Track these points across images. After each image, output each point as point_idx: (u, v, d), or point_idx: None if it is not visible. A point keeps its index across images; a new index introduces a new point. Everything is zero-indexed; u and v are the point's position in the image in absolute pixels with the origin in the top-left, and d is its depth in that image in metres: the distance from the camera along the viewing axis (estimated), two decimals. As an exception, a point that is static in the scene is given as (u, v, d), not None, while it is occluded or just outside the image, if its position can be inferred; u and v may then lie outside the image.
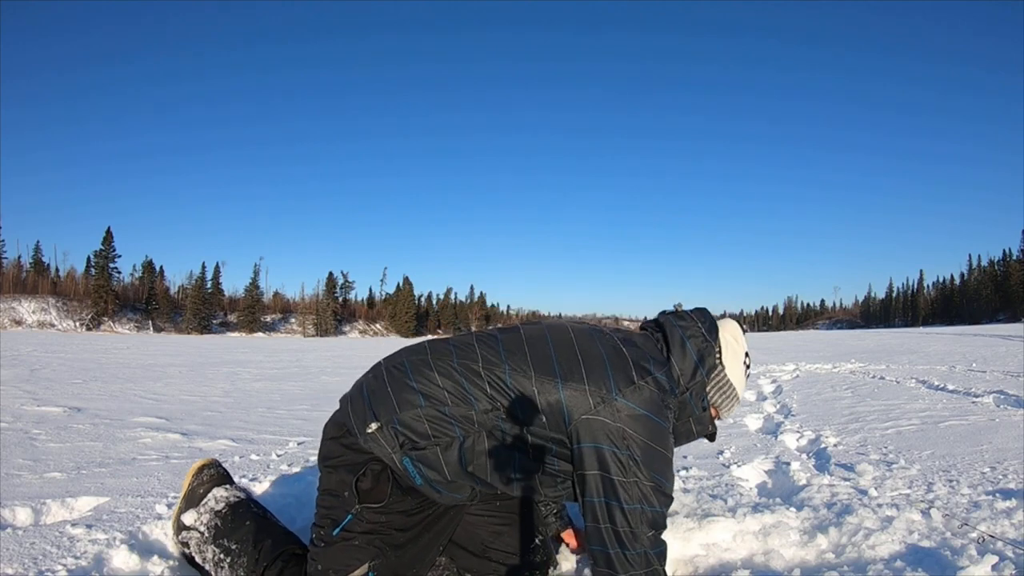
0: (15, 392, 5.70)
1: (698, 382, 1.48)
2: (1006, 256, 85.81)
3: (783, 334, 55.63)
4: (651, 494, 1.34)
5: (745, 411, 4.71)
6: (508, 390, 1.37)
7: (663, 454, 1.38)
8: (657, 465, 1.36)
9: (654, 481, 1.34)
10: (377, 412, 1.39)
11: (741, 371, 1.56)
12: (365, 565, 1.37)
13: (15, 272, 72.34)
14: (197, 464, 1.74)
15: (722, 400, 1.55)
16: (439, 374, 1.40)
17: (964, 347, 12.75)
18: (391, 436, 1.37)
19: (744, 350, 1.57)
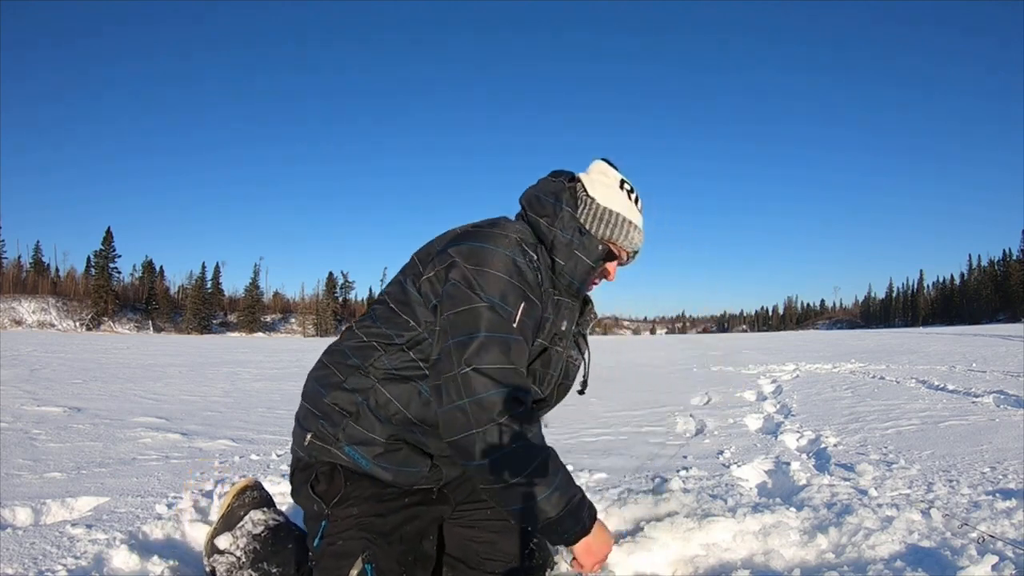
0: (15, 392, 5.70)
1: (562, 216, 1.45)
2: (1006, 256, 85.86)
3: (783, 334, 55.65)
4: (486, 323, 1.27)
5: (745, 411, 4.72)
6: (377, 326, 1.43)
7: (502, 279, 1.30)
8: (494, 290, 1.29)
9: (490, 306, 1.27)
10: (306, 426, 1.47)
11: (620, 196, 1.49)
12: (358, 560, 1.32)
13: (15, 272, 72.35)
14: (240, 484, 1.68)
15: (610, 229, 1.47)
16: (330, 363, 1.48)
17: (964, 347, 12.75)
18: (324, 434, 1.42)
19: (617, 179, 1.50)
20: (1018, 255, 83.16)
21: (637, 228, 1.50)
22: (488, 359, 1.25)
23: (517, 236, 1.37)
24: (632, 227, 1.49)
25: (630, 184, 1.52)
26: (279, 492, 2.33)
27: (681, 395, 5.98)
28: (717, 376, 8.27)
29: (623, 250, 1.51)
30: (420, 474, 1.43)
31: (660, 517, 2.00)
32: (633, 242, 1.50)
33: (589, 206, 1.47)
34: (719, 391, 6.23)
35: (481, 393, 1.24)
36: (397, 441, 1.40)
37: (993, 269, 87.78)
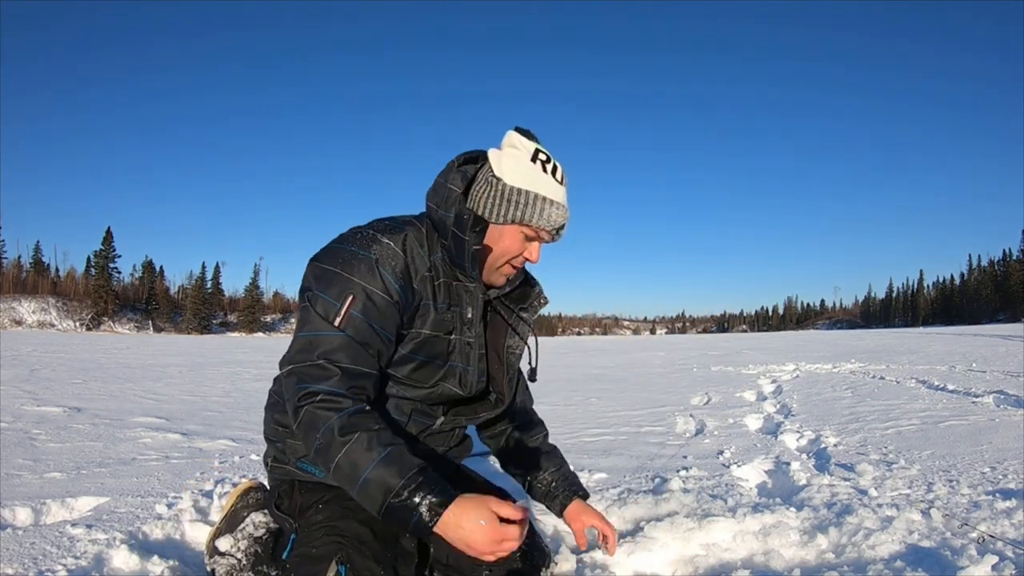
0: (15, 392, 5.70)
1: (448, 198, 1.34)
2: (1006, 256, 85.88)
3: (783, 334, 55.63)
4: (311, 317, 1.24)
5: (745, 411, 4.72)
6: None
7: (326, 269, 1.27)
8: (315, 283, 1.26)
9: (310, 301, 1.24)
10: (267, 454, 1.50)
11: (532, 169, 1.34)
12: (331, 563, 1.26)
13: (15, 272, 72.36)
14: (243, 486, 1.67)
15: (519, 210, 1.33)
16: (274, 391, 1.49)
17: (964, 347, 12.75)
18: (280, 456, 1.44)
19: (530, 150, 1.35)
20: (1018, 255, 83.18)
21: (553, 203, 1.34)
22: (299, 358, 1.22)
23: (376, 230, 1.31)
24: (545, 203, 1.33)
25: (547, 154, 1.37)
26: (279, 492, 2.34)
27: (681, 395, 5.98)
28: (717, 376, 8.27)
29: (541, 229, 1.36)
30: None
31: (660, 517, 2.00)
32: (551, 219, 1.35)
33: (493, 185, 1.34)
34: (719, 391, 6.23)
35: (291, 390, 1.21)
36: None
37: (993, 269, 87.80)
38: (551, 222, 1.36)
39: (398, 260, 1.29)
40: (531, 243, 1.39)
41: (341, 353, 1.21)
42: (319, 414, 1.16)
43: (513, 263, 1.40)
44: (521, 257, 1.40)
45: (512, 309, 1.52)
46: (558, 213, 1.36)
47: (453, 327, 1.38)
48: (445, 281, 1.36)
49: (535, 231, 1.36)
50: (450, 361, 1.40)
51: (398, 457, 1.14)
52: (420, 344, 1.35)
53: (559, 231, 1.40)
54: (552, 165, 1.37)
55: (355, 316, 1.23)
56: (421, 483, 1.11)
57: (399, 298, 1.28)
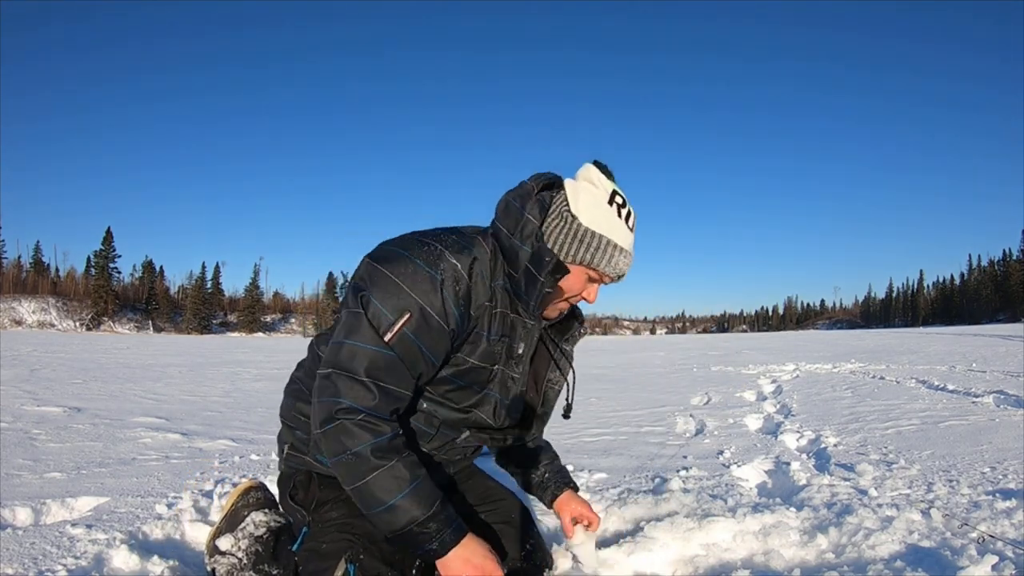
0: (15, 392, 5.70)
1: (524, 227, 1.29)
2: (1006, 256, 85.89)
3: (783, 334, 55.64)
4: (356, 328, 1.20)
5: (745, 411, 4.72)
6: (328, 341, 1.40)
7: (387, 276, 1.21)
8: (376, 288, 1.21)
9: (363, 315, 1.20)
10: (284, 439, 1.50)
11: (608, 213, 1.30)
12: (341, 561, 1.28)
13: (15, 272, 72.37)
14: (243, 485, 1.67)
15: (589, 253, 1.29)
16: (299, 377, 1.48)
17: (964, 347, 12.75)
18: (299, 445, 1.44)
19: (607, 190, 1.31)
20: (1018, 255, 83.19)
21: (623, 251, 1.32)
22: (343, 365, 1.19)
23: (445, 246, 1.25)
24: (616, 251, 1.31)
25: (623, 196, 1.33)
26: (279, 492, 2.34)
27: (681, 395, 5.98)
28: (717, 376, 8.27)
29: (605, 275, 1.34)
30: None
31: (660, 517, 2.00)
32: (617, 267, 1.33)
33: (569, 223, 1.30)
34: (719, 391, 6.23)
35: (328, 397, 1.19)
36: None
37: (993, 269, 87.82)
38: (617, 269, 1.33)
39: (461, 284, 1.24)
40: (592, 285, 1.37)
41: (386, 373, 1.20)
42: (355, 432, 1.17)
43: (571, 300, 1.39)
44: (579, 296, 1.38)
45: (556, 342, 1.51)
46: (625, 262, 1.34)
47: (499, 358, 1.36)
48: (501, 311, 1.32)
49: (599, 275, 1.35)
50: (487, 389, 1.38)
51: (425, 488, 1.20)
52: (464, 371, 1.33)
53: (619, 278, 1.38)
54: (627, 211, 1.34)
55: (407, 335, 1.20)
56: (443, 519, 1.20)
57: (455, 325, 1.25)
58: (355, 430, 1.17)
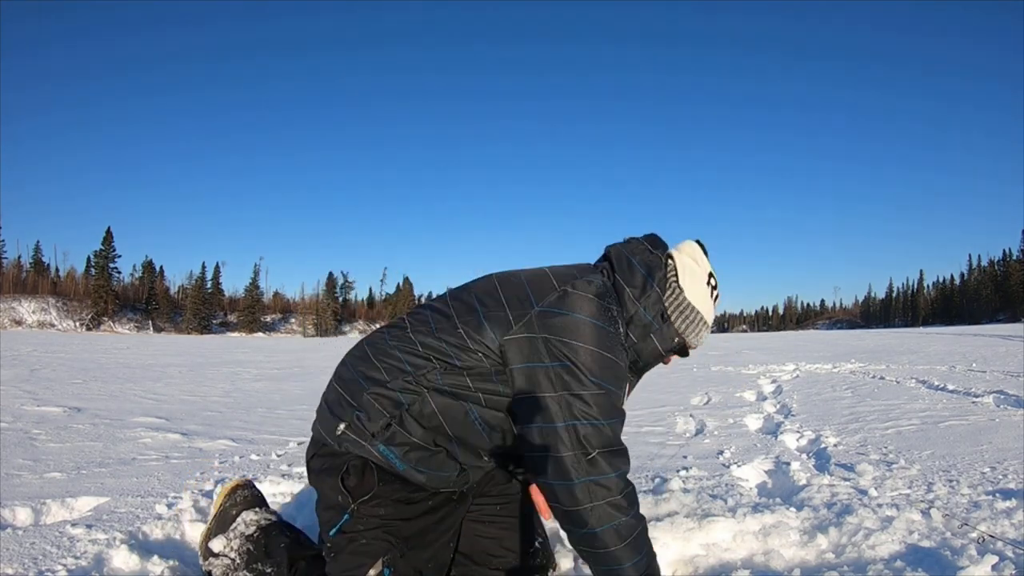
0: (15, 392, 5.70)
1: (650, 295, 1.41)
2: (1006, 256, 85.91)
3: (783, 334, 55.65)
4: (594, 405, 1.26)
5: (745, 411, 4.72)
6: (438, 342, 1.37)
7: (606, 357, 1.28)
8: (598, 371, 1.27)
9: (598, 388, 1.26)
10: (339, 414, 1.42)
11: (705, 292, 1.46)
12: (379, 562, 1.31)
13: (15, 272, 72.37)
14: (230, 484, 1.66)
15: (686, 324, 1.45)
16: (375, 357, 1.43)
17: (964, 347, 12.75)
18: (360, 428, 1.38)
19: (707, 271, 1.47)
20: (1018, 255, 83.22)
21: (708, 327, 1.49)
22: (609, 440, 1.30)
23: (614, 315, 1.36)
24: (705, 327, 1.48)
25: (715, 279, 1.49)
26: (280, 492, 2.33)
27: (681, 395, 5.98)
28: (717, 376, 8.27)
29: (690, 346, 1.50)
30: (450, 479, 1.44)
31: (660, 517, 2.00)
32: (701, 340, 1.50)
33: (676, 295, 1.44)
34: (719, 391, 6.23)
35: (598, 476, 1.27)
36: (435, 446, 1.39)
37: (993, 269, 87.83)
38: (701, 342, 1.50)
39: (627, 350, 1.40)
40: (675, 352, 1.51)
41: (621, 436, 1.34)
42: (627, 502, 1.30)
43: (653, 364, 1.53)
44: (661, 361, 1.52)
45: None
46: (706, 335, 1.50)
47: None
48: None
49: (686, 345, 1.49)
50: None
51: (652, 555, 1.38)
52: None
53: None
54: (716, 293, 1.50)
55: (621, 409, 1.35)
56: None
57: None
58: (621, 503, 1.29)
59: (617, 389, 1.29)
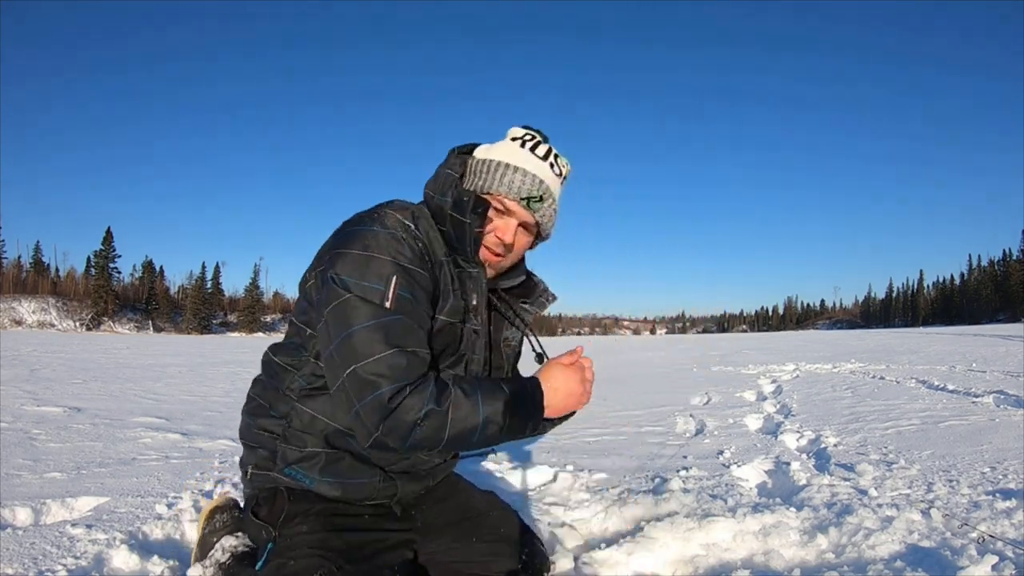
0: (15, 392, 5.70)
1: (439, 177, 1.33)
2: (1006, 256, 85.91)
3: (783, 334, 55.63)
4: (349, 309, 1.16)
5: (745, 411, 4.72)
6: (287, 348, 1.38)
7: (357, 255, 1.19)
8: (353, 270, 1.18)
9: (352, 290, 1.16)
10: (246, 460, 1.41)
11: (506, 148, 1.32)
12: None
13: (15, 272, 72.36)
14: (208, 507, 1.59)
15: (482, 179, 1.29)
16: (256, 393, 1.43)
17: (964, 347, 12.74)
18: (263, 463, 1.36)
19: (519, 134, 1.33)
20: (1018, 255, 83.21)
21: (517, 169, 1.28)
22: (365, 351, 1.14)
23: (391, 211, 1.26)
24: (508, 169, 1.28)
25: (535, 135, 1.32)
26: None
27: (681, 395, 5.98)
28: (717, 376, 8.27)
29: (504, 197, 1.29)
30: (372, 486, 1.34)
31: (660, 517, 2.00)
32: (512, 185, 1.28)
33: (470, 166, 1.33)
34: (719, 391, 6.23)
35: (368, 395, 1.13)
36: (336, 451, 1.31)
37: (993, 269, 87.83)
38: (514, 188, 1.28)
39: (418, 239, 1.25)
40: (499, 218, 1.31)
41: (403, 338, 1.16)
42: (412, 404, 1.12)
43: (485, 243, 1.32)
44: (492, 236, 1.31)
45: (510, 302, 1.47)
46: (522, 179, 1.28)
47: (464, 315, 1.33)
48: (456, 270, 1.33)
49: (500, 201, 1.29)
50: (460, 350, 1.34)
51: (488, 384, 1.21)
52: (436, 332, 1.28)
53: (532, 205, 1.30)
54: (535, 143, 1.31)
55: (402, 296, 1.18)
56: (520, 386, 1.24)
57: (431, 275, 1.26)
58: (411, 402, 1.12)
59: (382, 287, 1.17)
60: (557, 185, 1.34)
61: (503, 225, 1.31)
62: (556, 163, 1.33)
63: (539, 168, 1.30)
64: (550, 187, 1.31)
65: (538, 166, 1.30)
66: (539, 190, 1.29)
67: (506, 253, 1.34)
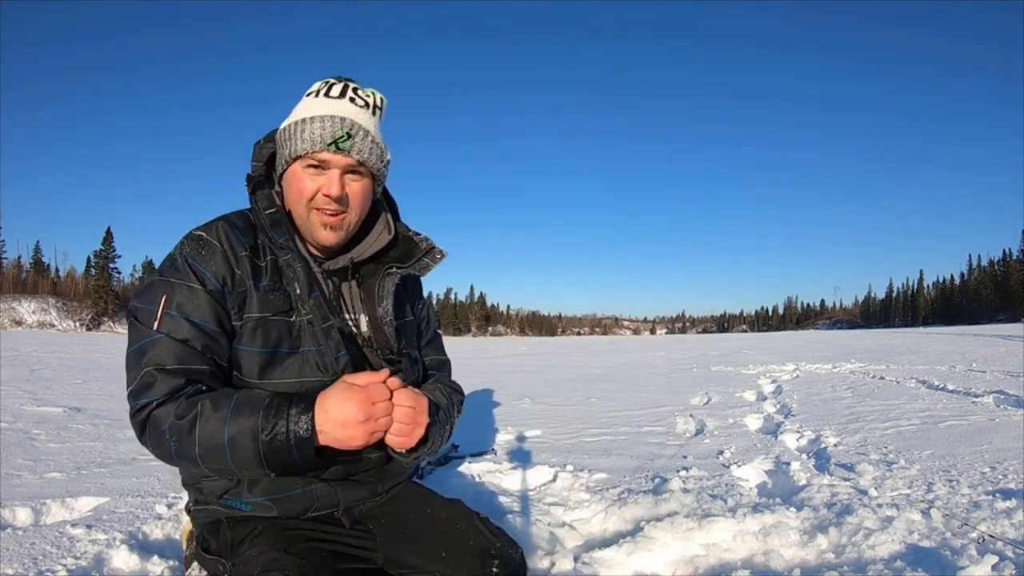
0: (15, 392, 5.70)
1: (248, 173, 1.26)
2: (1006, 256, 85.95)
3: (783, 334, 55.62)
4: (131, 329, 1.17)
5: (745, 411, 4.72)
6: None
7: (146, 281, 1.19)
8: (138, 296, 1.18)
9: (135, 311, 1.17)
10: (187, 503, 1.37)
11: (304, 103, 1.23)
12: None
13: (15, 272, 72.40)
14: (187, 527, 1.50)
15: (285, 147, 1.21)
16: None
17: (964, 347, 12.75)
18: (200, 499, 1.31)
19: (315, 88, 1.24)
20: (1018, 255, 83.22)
21: (315, 119, 1.18)
22: (130, 376, 1.17)
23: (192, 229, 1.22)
24: (306, 123, 1.18)
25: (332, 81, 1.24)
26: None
27: (681, 395, 5.98)
28: (717, 376, 8.27)
29: (314, 155, 1.18)
30: (307, 497, 1.26)
31: (660, 517, 2.00)
32: (315, 136, 1.18)
33: (278, 141, 1.24)
34: (719, 391, 6.23)
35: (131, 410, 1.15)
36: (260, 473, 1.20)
37: (993, 269, 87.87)
38: (316, 139, 1.17)
39: (211, 248, 1.18)
40: (320, 176, 1.20)
41: (166, 355, 1.13)
42: (160, 415, 1.10)
43: (316, 207, 1.21)
44: (319, 197, 1.20)
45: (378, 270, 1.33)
46: (320, 127, 1.18)
47: (288, 307, 1.22)
48: (272, 259, 1.23)
49: (312, 158, 1.19)
50: (301, 347, 1.22)
51: (246, 399, 1.08)
52: (253, 333, 1.20)
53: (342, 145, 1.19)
54: (327, 87, 1.22)
55: (171, 315, 1.15)
56: (279, 404, 1.06)
57: (214, 286, 1.17)
58: (159, 414, 1.10)
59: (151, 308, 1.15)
60: (367, 117, 1.23)
61: (326, 180, 1.20)
62: (358, 96, 1.23)
63: (337, 107, 1.20)
64: (356, 121, 1.20)
65: (335, 106, 1.20)
66: (343, 128, 1.19)
67: (344, 207, 1.22)
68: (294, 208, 1.22)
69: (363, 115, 1.22)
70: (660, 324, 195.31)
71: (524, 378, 8.40)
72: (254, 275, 1.20)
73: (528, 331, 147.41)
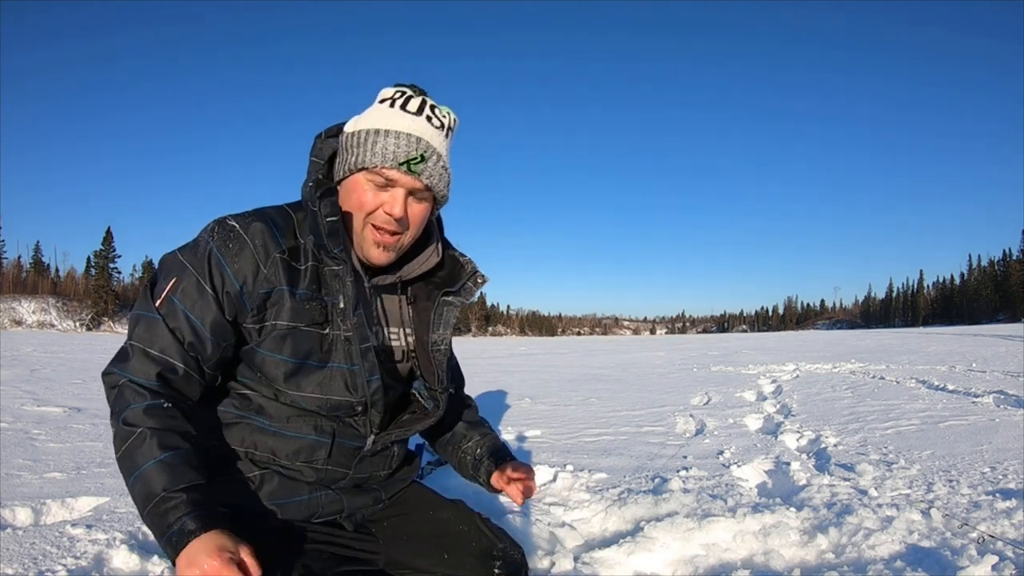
0: (15, 392, 5.69)
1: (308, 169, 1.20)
2: (1006, 256, 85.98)
3: (783, 334, 55.63)
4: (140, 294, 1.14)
5: (745, 411, 4.72)
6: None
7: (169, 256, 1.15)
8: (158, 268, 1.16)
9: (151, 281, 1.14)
10: None
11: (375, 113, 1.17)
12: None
13: (15, 272, 72.45)
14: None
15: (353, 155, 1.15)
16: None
17: (964, 347, 12.74)
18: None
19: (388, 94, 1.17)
20: (1018, 255, 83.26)
21: (389, 133, 1.13)
22: (128, 335, 1.13)
23: (230, 216, 1.16)
24: (380, 135, 1.13)
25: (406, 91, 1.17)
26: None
27: (681, 395, 5.97)
28: (717, 376, 8.27)
29: (383, 170, 1.13)
30: (315, 503, 1.25)
31: (660, 517, 2.00)
32: (387, 152, 1.12)
33: (342, 144, 1.18)
34: (719, 391, 6.23)
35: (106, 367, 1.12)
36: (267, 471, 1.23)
37: (993, 269, 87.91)
38: (388, 156, 1.12)
39: (240, 243, 1.12)
40: (383, 192, 1.15)
41: (152, 338, 1.10)
42: (127, 396, 1.07)
43: (373, 223, 1.16)
44: (380, 213, 1.15)
45: (433, 294, 1.29)
46: (395, 143, 1.12)
47: (324, 319, 1.17)
48: (313, 265, 1.17)
49: (379, 174, 1.14)
50: (331, 362, 1.19)
51: (177, 465, 1.02)
52: (282, 341, 1.15)
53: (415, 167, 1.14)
54: (405, 99, 1.15)
55: (173, 300, 1.11)
56: (184, 502, 0.99)
57: (232, 287, 1.12)
58: (127, 394, 1.07)
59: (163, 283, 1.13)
60: (440, 139, 1.17)
61: (390, 199, 1.15)
62: (435, 115, 1.17)
63: (414, 125, 1.14)
64: (431, 143, 1.15)
65: (413, 123, 1.14)
66: (418, 149, 1.13)
67: (402, 229, 1.17)
68: (348, 218, 1.18)
69: (438, 137, 1.17)
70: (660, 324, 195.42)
71: (524, 378, 8.39)
72: (289, 279, 1.14)
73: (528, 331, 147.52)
